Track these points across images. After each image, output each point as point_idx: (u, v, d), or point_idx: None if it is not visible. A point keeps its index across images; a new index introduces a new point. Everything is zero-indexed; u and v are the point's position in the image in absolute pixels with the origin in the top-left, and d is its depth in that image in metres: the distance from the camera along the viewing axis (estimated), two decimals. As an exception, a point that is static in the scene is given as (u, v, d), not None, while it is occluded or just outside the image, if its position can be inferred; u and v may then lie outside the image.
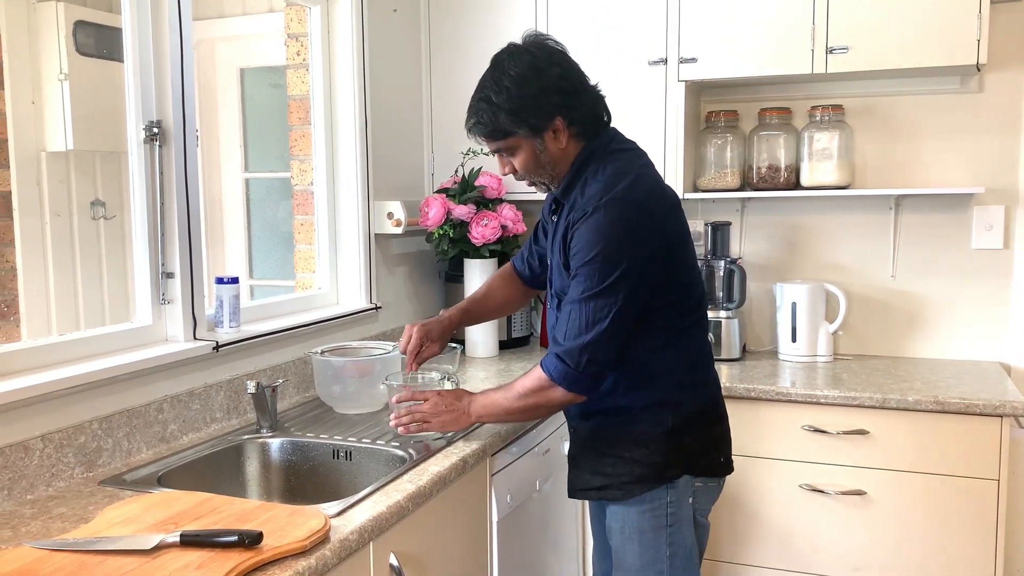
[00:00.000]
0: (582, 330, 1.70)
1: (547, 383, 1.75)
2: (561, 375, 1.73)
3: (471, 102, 1.80)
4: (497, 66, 1.77)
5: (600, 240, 1.69)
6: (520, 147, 1.79)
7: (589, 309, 1.70)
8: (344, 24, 2.68)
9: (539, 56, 1.76)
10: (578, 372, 1.72)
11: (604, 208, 1.70)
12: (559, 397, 1.76)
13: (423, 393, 1.92)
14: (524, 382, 1.80)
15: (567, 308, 1.74)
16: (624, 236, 1.70)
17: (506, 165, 1.85)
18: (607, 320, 1.69)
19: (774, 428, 2.52)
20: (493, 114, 1.74)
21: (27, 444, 1.65)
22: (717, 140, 2.94)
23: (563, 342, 1.73)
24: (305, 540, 1.37)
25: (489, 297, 2.19)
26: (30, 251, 2.90)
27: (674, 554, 1.83)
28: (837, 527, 2.48)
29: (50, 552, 1.33)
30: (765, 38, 2.63)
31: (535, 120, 1.74)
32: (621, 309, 1.70)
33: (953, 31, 2.46)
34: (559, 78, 1.75)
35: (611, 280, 1.68)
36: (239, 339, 2.18)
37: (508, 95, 1.73)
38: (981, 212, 2.79)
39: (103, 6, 3.01)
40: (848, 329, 2.95)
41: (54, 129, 2.94)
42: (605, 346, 1.71)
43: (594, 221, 1.70)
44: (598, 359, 1.72)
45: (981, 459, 2.34)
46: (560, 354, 1.73)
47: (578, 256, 1.72)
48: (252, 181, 3.66)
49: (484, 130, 1.79)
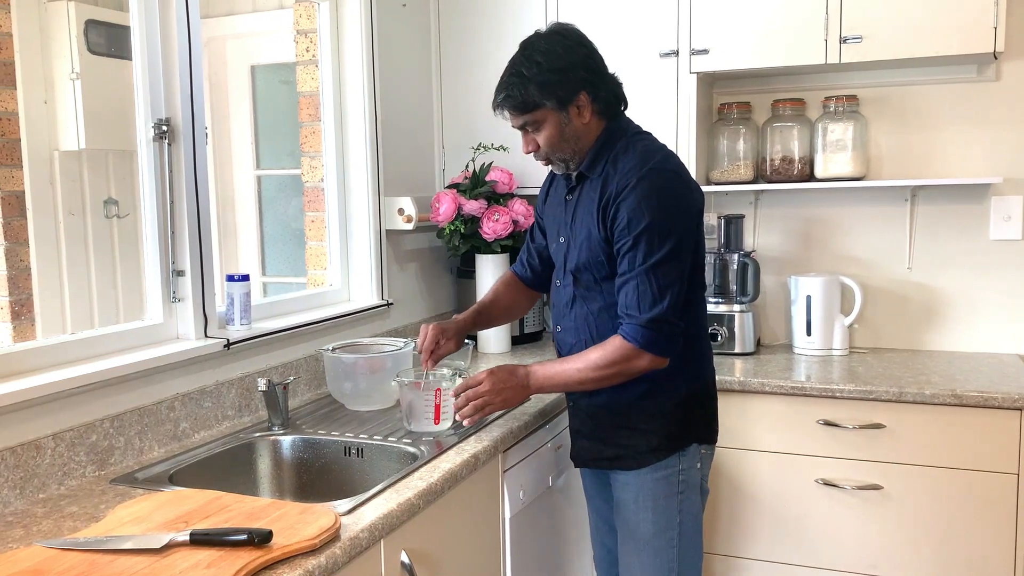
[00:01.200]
0: (657, 297, 1.77)
1: (633, 352, 1.79)
2: (650, 342, 1.78)
3: (501, 79, 1.87)
4: (528, 46, 1.86)
5: (652, 208, 1.77)
6: (546, 120, 1.85)
7: (658, 276, 1.77)
8: (353, 20, 2.67)
9: (568, 36, 1.87)
10: (663, 337, 1.79)
11: (648, 177, 1.79)
12: (645, 364, 1.81)
13: (474, 378, 1.93)
14: (601, 354, 1.83)
15: (629, 280, 1.80)
16: (673, 202, 1.80)
17: (530, 143, 1.91)
18: (677, 284, 1.80)
19: (789, 422, 2.49)
20: (523, 87, 1.82)
21: (39, 443, 1.65)
22: (730, 132, 2.91)
23: (639, 312, 1.78)
24: (315, 538, 1.36)
25: (497, 302, 2.21)
26: (44, 250, 2.92)
27: (683, 520, 1.93)
28: (853, 522, 2.46)
29: (61, 551, 1.33)
30: (778, 28, 2.60)
31: (563, 93, 1.83)
32: (684, 271, 1.82)
33: (969, 18, 2.42)
34: (585, 57, 1.86)
35: (671, 245, 1.78)
36: (250, 336, 2.18)
37: (539, 69, 1.81)
38: (999, 202, 2.75)
39: (114, 5, 3.02)
40: (864, 322, 2.92)
41: (67, 128, 2.95)
42: (678, 309, 1.81)
43: (642, 190, 1.78)
44: (676, 321, 1.80)
45: (999, 453, 2.31)
46: (644, 323, 1.78)
47: (631, 225, 1.78)
48: (264, 178, 3.67)
49: (513, 103, 1.85)
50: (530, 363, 1.94)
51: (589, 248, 1.88)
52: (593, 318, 1.92)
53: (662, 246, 1.77)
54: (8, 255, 2.79)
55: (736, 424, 2.54)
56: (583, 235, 1.90)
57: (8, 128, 2.78)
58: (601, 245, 1.85)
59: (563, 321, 2.00)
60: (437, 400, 1.98)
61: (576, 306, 1.95)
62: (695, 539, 1.96)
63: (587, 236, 1.88)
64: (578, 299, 1.95)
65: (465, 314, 2.16)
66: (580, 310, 1.94)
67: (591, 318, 1.92)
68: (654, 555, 1.92)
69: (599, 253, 1.86)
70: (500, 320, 2.31)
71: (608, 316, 1.89)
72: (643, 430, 1.91)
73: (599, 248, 1.86)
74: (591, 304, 1.92)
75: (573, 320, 1.96)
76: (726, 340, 2.82)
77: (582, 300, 1.94)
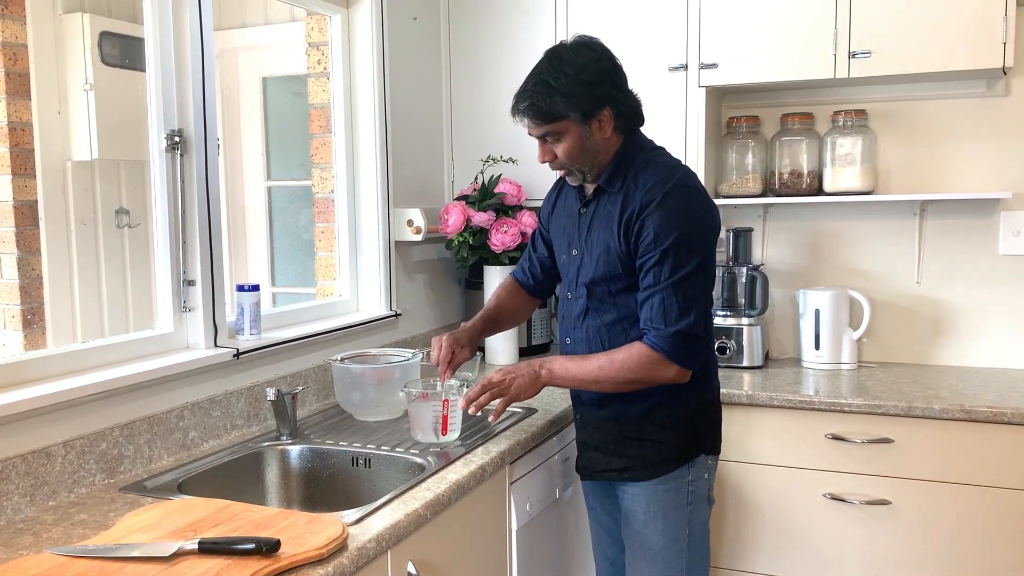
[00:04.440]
0: (684, 310, 1.79)
1: (659, 361, 1.80)
2: (677, 353, 1.79)
3: (525, 86, 1.85)
4: (555, 55, 1.86)
5: (680, 224, 1.78)
6: (568, 132, 1.85)
7: (684, 289, 1.79)
8: (364, 33, 2.69)
9: (595, 49, 1.88)
10: (690, 349, 1.81)
11: (675, 193, 1.80)
12: (672, 375, 1.82)
13: (488, 377, 1.94)
14: (627, 356, 1.82)
15: (655, 294, 1.80)
16: (697, 217, 1.83)
17: (547, 152, 1.90)
18: (702, 299, 1.82)
19: (797, 437, 2.49)
20: (549, 97, 1.81)
21: (49, 451, 1.66)
22: (739, 146, 2.91)
23: (665, 325, 1.79)
24: (323, 548, 1.37)
25: (502, 308, 2.22)
26: (56, 259, 2.94)
27: (692, 531, 1.94)
28: (861, 537, 2.45)
29: (70, 559, 1.34)
30: (786, 43, 2.61)
31: (588, 106, 1.82)
32: (708, 287, 1.86)
33: (978, 34, 2.42)
34: (612, 72, 1.87)
35: (697, 260, 1.80)
36: (260, 346, 2.19)
37: (567, 80, 1.80)
38: (1008, 217, 2.75)
39: (128, 17, 3.05)
40: (872, 336, 2.91)
41: (79, 138, 2.98)
42: (705, 321, 1.84)
43: (669, 206, 1.79)
44: (702, 334, 1.82)
45: (1009, 469, 2.30)
46: (670, 335, 1.78)
47: (659, 240, 1.79)
48: (274, 189, 3.69)
49: (536, 111, 1.83)
50: (550, 358, 1.94)
51: (607, 262, 1.88)
52: (606, 330, 1.92)
53: (689, 261, 1.78)
54: (20, 264, 2.82)
55: (744, 438, 2.53)
56: (600, 248, 1.90)
57: (22, 138, 2.81)
58: (620, 259, 1.85)
59: (573, 333, 2.01)
60: (445, 411, 1.99)
61: (588, 318, 1.95)
62: (703, 550, 1.97)
63: (605, 249, 1.88)
64: (591, 311, 1.95)
65: (475, 321, 2.16)
66: (592, 322, 1.95)
67: (603, 330, 1.93)
68: (663, 566, 1.92)
69: (617, 266, 1.86)
70: (506, 326, 2.31)
71: (620, 329, 1.90)
72: (653, 441, 1.91)
73: (617, 262, 1.86)
74: (604, 316, 1.93)
75: (584, 332, 1.96)
76: (734, 353, 2.81)
77: (595, 312, 1.94)
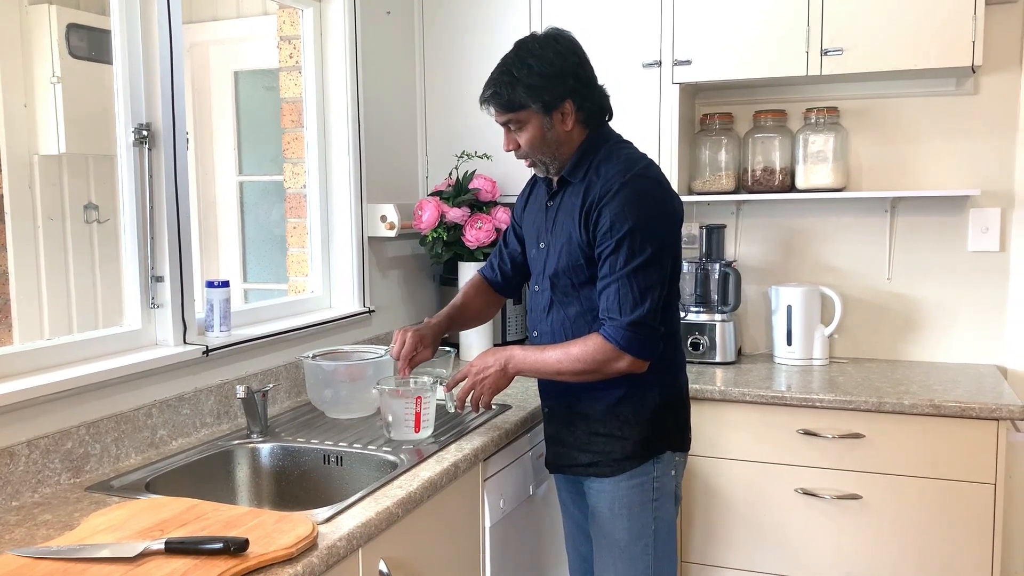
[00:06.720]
0: (638, 300, 1.79)
1: (613, 352, 1.80)
2: (631, 344, 1.79)
3: (491, 75, 1.88)
4: (522, 47, 1.88)
5: (635, 212, 1.79)
6: (529, 122, 1.87)
7: (639, 279, 1.79)
8: (337, 26, 2.67)
9: (562, 42, 1.88)
10: (644, 340, 1.80)
11: (631, 183, 1.81)
12: (625, 366, 1.81)
13: (460, 372, 1.97)
14: (582, 349, 1.82)
15: (611, 283, 1.80)
16: (656, 207, 1.83)
17: (511, 141, 1.92)
18: (657, 288, 1.81)
19: (769, 432, 2.50)
20: (512, 87, 1.84)
21: (12, 450, 1.63)
22: (712, 142, 2.92)
23: (620, 315, 1.79)
24: (292, 547, 1.35)
25: (467, 305, 2.21)
26: (22, 254, 2.89)
27: (658, 528, 1.94)
28: (832, 532, 2.47)
29: (33, 560, 1.31)
30: (759, 40, 2.62)
31: (549, 98, 1.84)
32: (664, 276, 1.83)
33: (948, 33, 2.45)
34: (576, 66, 1.88)
35: (652, 249, 1.79)
36: (230, 343, 2.17)
37: (529, 71, 1.83)
38: (977, 214, 2.78)
39: (96, 8, 3.00)
40: (844, 332, 2.94)
41: (46, 132, 2.93)
42: (659, 313, 1.82)
43: (625, 195, 1.80)
44: (657, 325, 1.82)
45: (978, 463, 2.32)
46: (625, 326, 1.79)
47: (613, 229, 1.79)
48: (246, 184, 3.65)
49: (500, 100, 1.86)
50: (510, 348, 1.95)
51: (569, 252, 1.89)
52: (570, 323, 1.93)
53: (644, 250, 1.78)
54: (-14, 259, 2.77)
55: (716, 433, 2.55)
56: (563, 239, 1.91)
57: (-13, 132, 2.76)
58: (581, 249, 1.86)
59: (539, 326, 2.01)
60: (418, 408, 1.98)
61: (553, 311, 1.96)
62: (670, 546, 1.98)
63: (567, 240, 1.89)
64: (555, 304, 1.96)
65: (439, 318, 2.14)
66: (557, 315, 1.95)
67: (567, 323, 1.93)
68: (630, 562, 1.93)
69: (579, 257, 1.87)
70: (471, 324, 2.31)
71: (584, 322, 1.90)
72: (618, 437, 1.91)
73: (579, 252, 1.87)
74: (568, 309, 1.93)
75: (550, 325, 1.97)
76: (707, 349, 2.83)
77: (559, 305, 1.95)
